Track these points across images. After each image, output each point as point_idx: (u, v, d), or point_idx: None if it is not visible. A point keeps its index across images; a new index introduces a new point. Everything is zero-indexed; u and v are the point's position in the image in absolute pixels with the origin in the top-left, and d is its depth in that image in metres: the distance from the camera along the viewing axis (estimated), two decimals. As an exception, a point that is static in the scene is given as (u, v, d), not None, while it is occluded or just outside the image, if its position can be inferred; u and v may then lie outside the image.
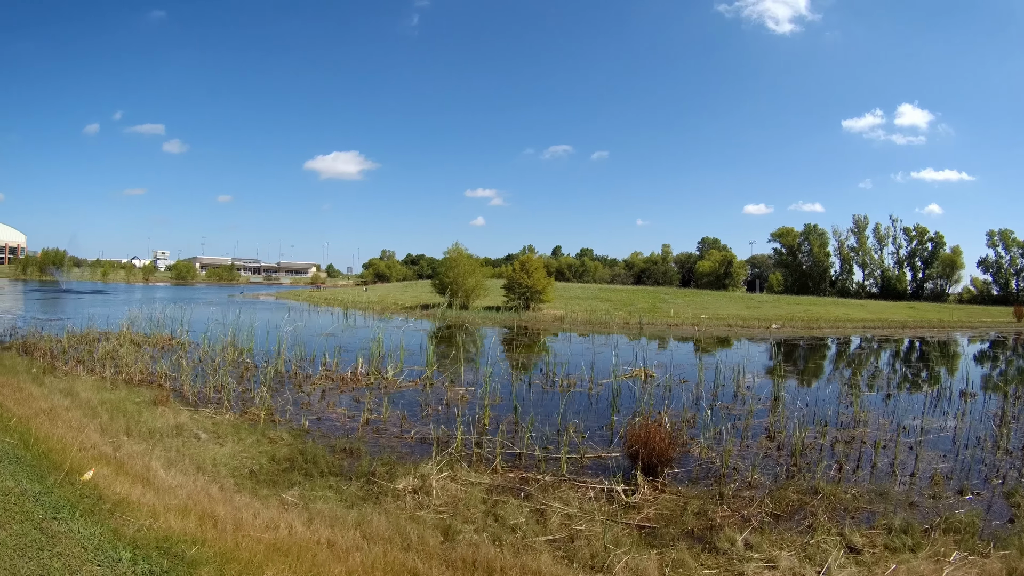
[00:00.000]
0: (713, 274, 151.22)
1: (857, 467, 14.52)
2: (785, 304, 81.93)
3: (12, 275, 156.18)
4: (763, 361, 37.01)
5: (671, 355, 36.73)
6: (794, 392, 23.67)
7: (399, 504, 10.64)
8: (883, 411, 20.88)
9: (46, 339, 28.92)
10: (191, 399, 18.98)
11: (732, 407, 20.93)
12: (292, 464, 12.69)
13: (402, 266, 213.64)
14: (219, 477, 11.15)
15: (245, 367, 25.33)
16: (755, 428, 18.01)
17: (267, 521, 8.27)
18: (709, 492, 12.26)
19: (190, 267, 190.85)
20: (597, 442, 15.75)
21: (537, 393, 22.42)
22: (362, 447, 14.33)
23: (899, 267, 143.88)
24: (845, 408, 21.04)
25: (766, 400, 22.00)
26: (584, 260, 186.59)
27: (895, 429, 17.91)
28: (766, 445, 16.28)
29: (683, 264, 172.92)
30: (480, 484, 12.04)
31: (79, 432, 12.22)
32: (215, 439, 14.07)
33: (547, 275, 72.22)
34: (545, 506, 10.97)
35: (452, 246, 74.12)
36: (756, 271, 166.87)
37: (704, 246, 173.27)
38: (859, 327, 67.41)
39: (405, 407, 19.18)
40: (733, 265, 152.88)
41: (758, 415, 19.61)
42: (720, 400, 22.03)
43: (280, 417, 17.18)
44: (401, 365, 26.01)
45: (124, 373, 22.26)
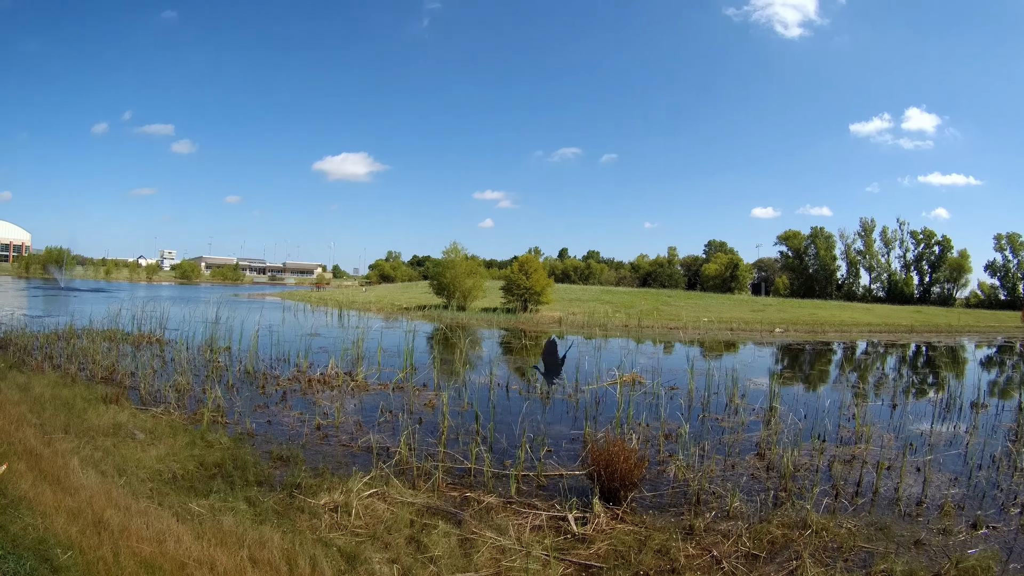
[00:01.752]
0: (719, 277, 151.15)
1: (856, 493, 13.11)
2: (790, 307, 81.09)
3: (15, 273, 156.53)
4: (763, 366, 36.45)
5: (666, 359, 36.34)
6: (793, 402, 22.52)
7: (314, 523, 10.08)
8: (888, 424, 19.86)
9: (23, 335, 29.16)
10: (145, 397, 18.93)
11: (723, 419, 19.95)
12: (220, 470, 12.44)
13: (408, 267, 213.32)
14: (136, 480, 10.96)
15: (214, 366, 25.23)
16: (745, 444, 16.92)
17: (157, 532, 8.03)
18: (678, 523, 11.01)
19: (194, 266, 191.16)
20: (563, 457, 14.88)
21: (514, 400, 21.85)
22: (301, 455, 13.88)
23: (906, 271, 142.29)
24: (846, 420, 19.97)
25: (761, 411, 21.11)
26: (590, 262, 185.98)
27: (901, 446, 16.64)
28: (754, 464, 15.04)
29: (689, 267, 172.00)
30: (412, 504, 11.27)
31: (16, 427, 12.25)
32: (150, 439, 13.89)
33: (550, 277, 72.08)
34: (477, 535, 10.02)
35: (450, 246, 74.37)
36: (762, 274, 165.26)
37: (710, 249, 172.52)
38: (865, 331, 66.71)
39: (364, 412, 18.93)
40: (739, 268, 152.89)
41: (750, 428, 18.69)
42: (711, 410, 21.08)
43: (228, 419, 17.03)
44: (379, 367, 26.09)
45: (88, 370, 22.43)
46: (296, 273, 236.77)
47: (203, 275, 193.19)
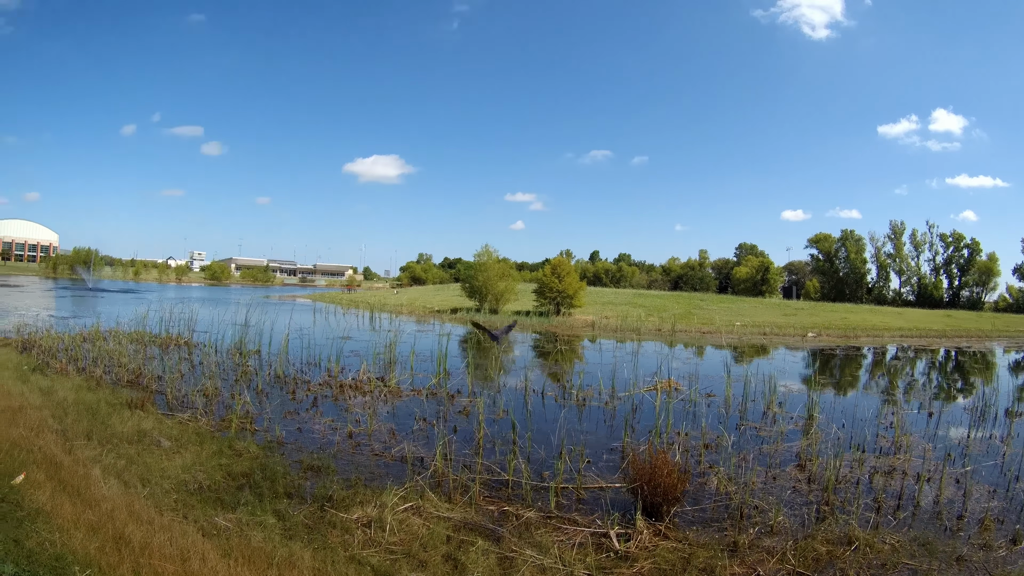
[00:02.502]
0: (750, 280, 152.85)
1: (898, 507, 12.76)
2: (822, 311, 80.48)
3: (42, 273, 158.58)
4: (799, 371, 36.05)
5: (701, 364, 35.90)
6: (830, 409, 22.16)
7: (346, 539, 9.68)
8: (925, 433, 19.47)
9: (48, 336, 29.15)
10: (172, 403, 18.66)
11: (761, 427, 19.53)
12: (247, 481, 12.11)
13: (439, 270, 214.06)
14: (160, 491, 10.70)
15: (243, 370, 25.09)
16: (785, 454, 16.44)
17: (181, 549, 7.77)
18: (721, 540, 10.64)
19: (224, 268, 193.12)
20: (602, 469, 14.50)
21: (550, 407, 21.45)
22: (333, 465, 13.61)
23: (935, 274, 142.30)
24: (884, 430, 19.57)
25: (799, 419, 20.60)
26: (621, 265, 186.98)
27: (939, 456, 16.42)
28: (795, 476, 14.57)
29: (720, 270, 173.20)
30: (449, 519, 10.86)
31: (36, 434, 12.07)
32: (176, 447, 13.63)
33: (582, 280, 72.00)
34: (516, 553, 9.65)
35: (482, 248, 74.58)
36: (793, 277, 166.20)
37: (741, 252, 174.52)
38: (896, 336, 66.23)
39: (397, 419, 18.62)
40: (770, 271, 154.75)
41: (789, 437, 18.22)
42: (748, 418, 20.73)
43: (257, 426, 16.77)
44: (412, 372, 25.92)
45: (114, 373, 22.31)
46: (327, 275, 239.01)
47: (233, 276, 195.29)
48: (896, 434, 18.45)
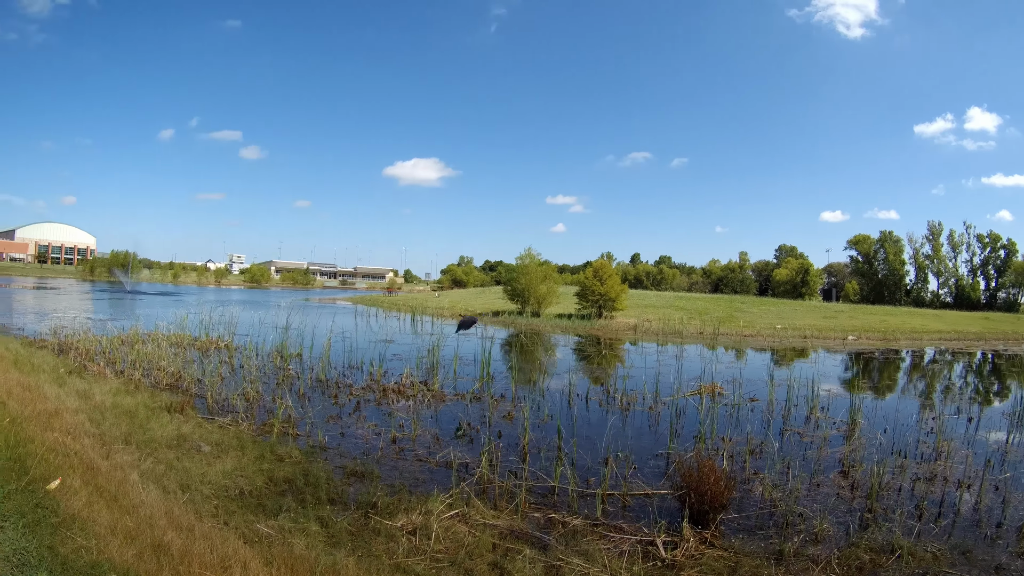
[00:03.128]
0: (790, 282, 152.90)
1: (939, 515, 12.69)
2: (861, 314, 79.88)
3: (79, 276, 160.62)
4: (838, 375, 35.81)
5: (743, 368, 35.79)
6: (871, 414, 22.18)
7: (390, 547, 9.55)
8: (964, 438, 19.44)
9: (85, 339, 29.35)
10: (212, 407, 18.69)
11: (804, 433, 19.52)
12: (290, 487, 12.02)
13: (480, 272, 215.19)
14: (200, 497, 10.60)
15: (285, 374, 25.12)
16: (828, 460, 16.40)
17: (222, 557, 7.61)
18: (767, 548, 10.65)
19: (264, 271, 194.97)
20: (647, 475, 14.42)
21: (594, 412, 21.42)
22: (377, 470, 13.54)
23: (972, 276, 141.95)
24: (925, 435, 19.49)
25: (841, 424, 20.61)
26: (662, 268, 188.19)
27: (979, 462, 16.47)
28: (839, 483, 14.49)
29: (760, 272, 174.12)
30: (495, 527, 10.78)
31: (73, 437, 12.00)
32: (217, 452, 13.57)
33: (623, 283, 71.92)
34: (563, 562, 9.53)
35: (524, 251, 74.57)
36: (832, 279, 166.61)
37: (781, 254, 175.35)
38: (935, 339, 65.90)
39: (441, 424, 18.58)
40: (810, 273, 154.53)
41: (832, 442, 18.19)
42: (792, 423, 20.61)
43: (299, 431, 16.73)
44: (455, 376, 26.01)
45: (153, 376, 22.40)
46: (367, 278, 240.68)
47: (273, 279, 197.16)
48: (937, 440, 18.35)
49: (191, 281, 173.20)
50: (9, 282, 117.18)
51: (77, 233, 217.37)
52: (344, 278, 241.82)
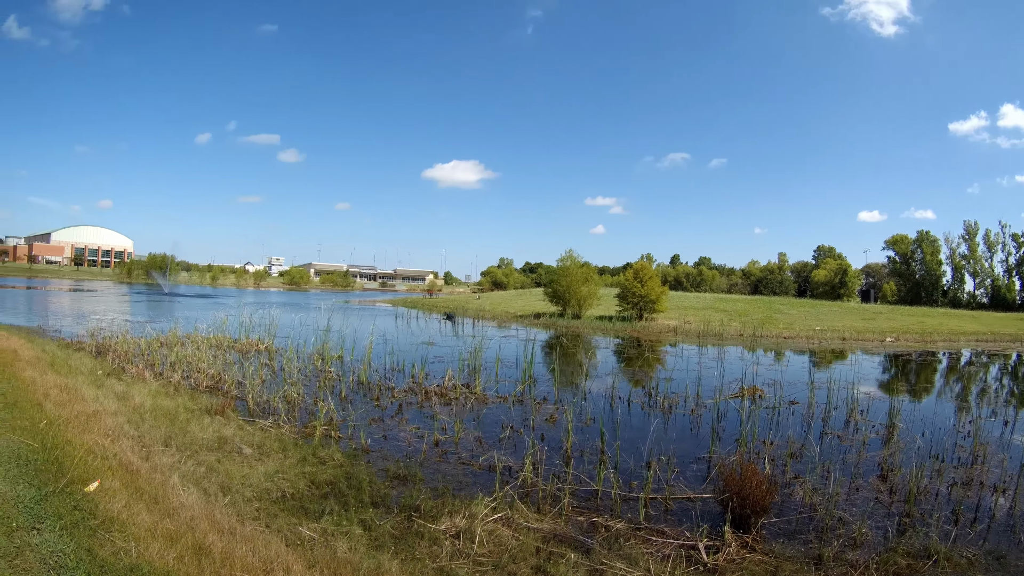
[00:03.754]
0: (828, 283, 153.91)
1: (974, 519, 12.72)
2: (899, 316, 79.52)
3: (116, 278, 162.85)
4: (876, 377, 35.64)
5: (783, 370, 35.62)
6: (909, 417, 22.05)
7: (434, 550, 9.54)
8: (1000, 442, 19.37)
9: (123, 341, 29.60)
10: (253, 409, 18.80)
11: (844, 436, 19.51)
12: (332, 489, 12.02)
13: (520, 274, 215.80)
14: (242, 499, 10.60)
15: (326, 376, 25.17)
16: (867, 463, 16.49)
17: (264, 560, 7.61)
18: (807, 552, 10.64)
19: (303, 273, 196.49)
20: (690, 478, 14.41)
21: (636, 414, 21.37)
22: (420, 473, 13.50)
23: (1008, 276, 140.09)
24: (963, 439, 19.49)
25: (880, 427, 20.64)
26: (701, 269, 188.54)
27: (1015, 466, 16.29)
28: (878, 487, 14.54)
29: (799, 273, 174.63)
30: (538, 530, 10.73)
31: (111, 439, 12.01)
32: (258, 455, 13.59)
33: (663, 284, 71.92)
34: (606, 566, 9.50)
35: (565, 253, 75.27)
36: (870, 280, 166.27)
37: (820, 254, 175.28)
38: (971, 340, 65.34)
39: (484, 427, 18.55)
40: (848, 274, 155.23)
41: (871, 446, 18.29)
42: (831, 426, 20.59)
43: (341, 433, 16.71)
44: (497, 379, 25.92)
45: (193, 378, 22.52)
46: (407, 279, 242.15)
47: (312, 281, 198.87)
48: (974, 443, 18.40)
49: (230, 283, 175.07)
50: (45, 284, 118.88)
51: (114, 236, 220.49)
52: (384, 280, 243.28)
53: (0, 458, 8.59)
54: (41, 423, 11.56)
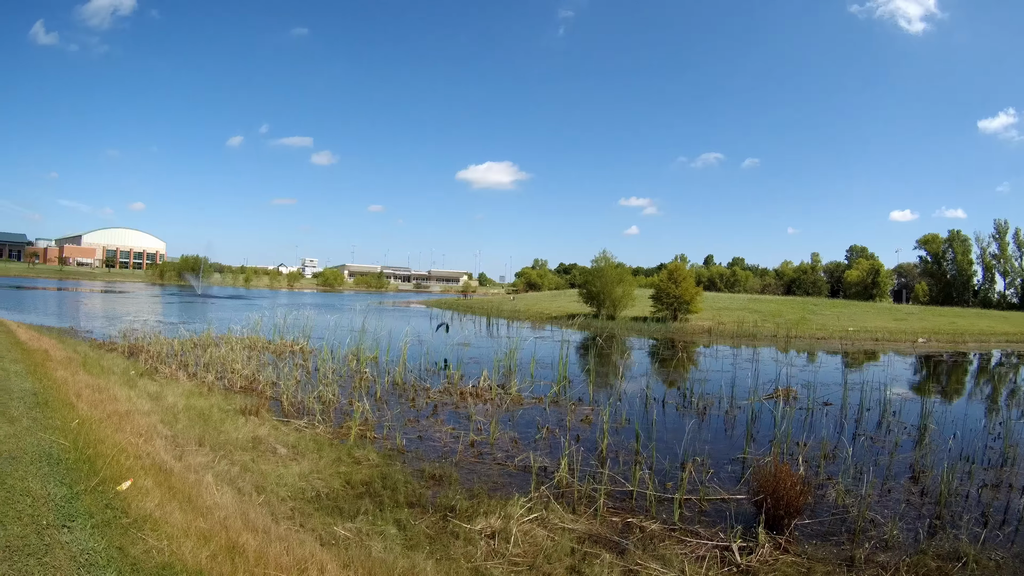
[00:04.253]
0: (861, 284, 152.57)
1: (1003, 521, 12.78)
2: (930, 316, 79.53)
3: (149, 280, 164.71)
4: (907, 378, 35.66)
5: (816, 371, 35.49)
6: (941, 418, 21.96)
7: (469, 550, 9.56)
8: None
9: (156, 341, 29.80)
10: (288, 410, 18.88)
11: (876, 437, 19.54)
12: (368, 489, 11.99)
13: (554, 275, 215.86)
14: (276, 499, 10.61)
15: (361, 377, 25.26)
16: (899, 465, 16.48)
17: (298, 559, 7.53)
18: (839, 554, 10.68)
19: (337, 274, 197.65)
20: (724, 480, 14.43)
21: (671, 416, 21.40)
22: (455, 474, 13.51)
23: None
24: (993, 440, 19.50)
25: (912, 429, 20.68)
26: (735, 270, 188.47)
27: None
28: (909, 489, 14.65)
29: (832, 273, 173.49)
30: (573, 531, 10.80)
31: (144, 439, 12.02)
32: (293, 455, 13.59)
33: (697, 285, 72.14)
34: (641, 567, 9.57)
35: (599, 254, 75.27)
36: (902, 280, 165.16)
37: (852, 254, 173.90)
38: (1001, 341, 65.35)
39: (519, 428, 18.54)
40: (880, 274, 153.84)
41: (903, 447, 18.35)
42: (864, 428, 20.73)
43: (376, 434, 16.74)
44: (532, 380, 25.91)
45: (227, 379, 22.64)
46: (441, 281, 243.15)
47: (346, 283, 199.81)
48: (1004, 445, 18.34)
49: (263, 285, 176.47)
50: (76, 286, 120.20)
51: (146, 238, 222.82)
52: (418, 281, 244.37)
53: (31, 457, 8.56)
54: (73, 422, 11.55)
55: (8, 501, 6.89)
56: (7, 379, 13.43)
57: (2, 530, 6.28)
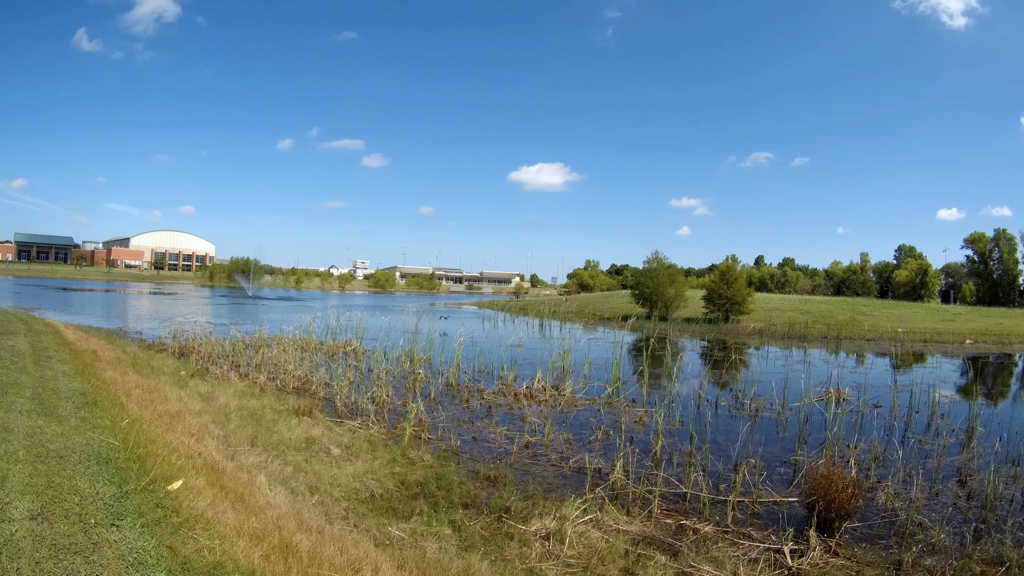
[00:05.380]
0: (909, 284, 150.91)
1: None
2: (978, 317, 78.31)
3: (198, 281, 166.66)
4: (954, 380, 35.16)
5: (866, 373, 35.34)
6: (988, 421, 21.82)
7: (523, 552, 9.56)
8: None
9: (207, 343, 30.05)
10: (341, 410, 18.92)
11: (925, 440, 19.40)
12: (422, 490, 11.97)
13: (606, 276, 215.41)
14: (330, 499, 10.59)
15: (415, 378, 25.25)
16: (947, 468, 16.42)
17: (352, 559, 7.49)
18: (887, 558, 10.69)
19: (389, 276, 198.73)
20: (776, 482, 14.44)
21: (724, 418, 21.34)
22: (510, 475, 13.46)
23: None
24: None
25: (960, 432, 20.52)
26: (786, 270, 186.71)
27: None
28: (956, 492, 14.60)
29: (880, 273, 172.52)
30: (627, 533, 10.74)
31: (196, 439, 12.03)
32: (347, 455, 13.58)
33: (748, 286, 72.00)
34: (694, 569, 9.58)
35: (652, 255, 75.32)
36: (950, 280, 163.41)
37: (901, 254, 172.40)
38: None
39: (574, 429, 18.46)
40: (928, 274, 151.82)
41: (951, 450, 18.23)
42: (913, 431, 20.63)
43: (431, 435, 16.75)
44: (586, 381, 25.86)
45: (279, 380, 22.75)
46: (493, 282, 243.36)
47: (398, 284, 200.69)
48: None
49: (314, 286, 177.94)
50: (125, 287, 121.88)
51: (195, 240, 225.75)
52: (470, 283, 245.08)
53: (79, 456, 8.53)
54: (123, 422, 11.56)
55: (56, 500, 6.83)
56: (55, 379, 13.48)
57: (49, 528, 6.22)
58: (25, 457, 7.85)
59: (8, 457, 7.67)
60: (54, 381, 13.34)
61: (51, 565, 5.62)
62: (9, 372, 13.07)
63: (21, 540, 5.82)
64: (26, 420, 9.48)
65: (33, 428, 9.13)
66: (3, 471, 7.20)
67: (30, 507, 6.48)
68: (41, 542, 5.91)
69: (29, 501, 6.60)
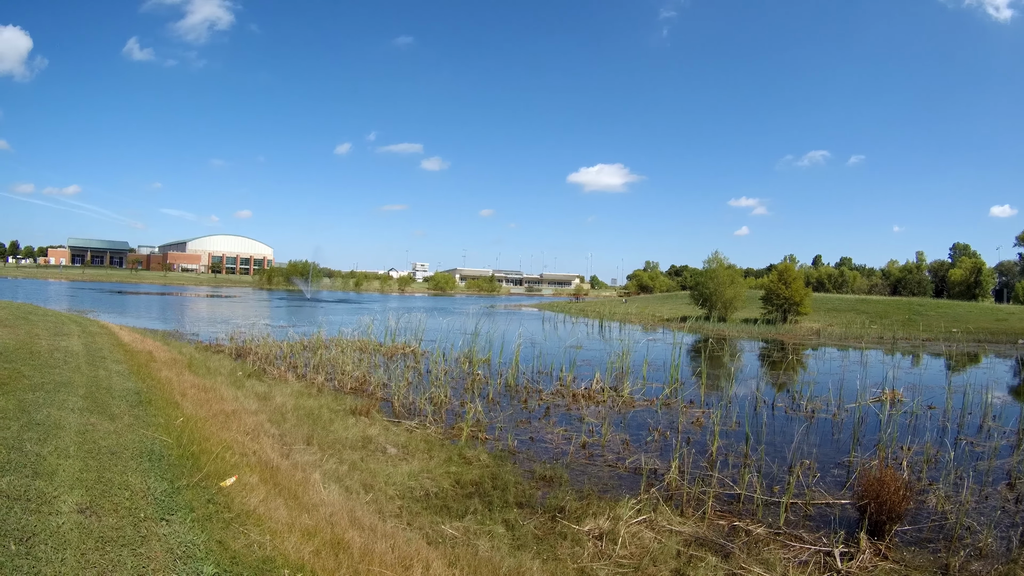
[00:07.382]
0: (964, 283, 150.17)
1: None
2: None
3: (256, 285, 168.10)
4: (1008, 381, 34.70)
5: (921, 374, 34.76)
6: None
7: (575, 551, 9.56)
8: None
9: (264, 344, 30.43)
10: (399, 410, 19.00)
11: (977, 442, 19.01)
12: (477, 489, 12.01)
13: (665, 277, 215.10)
14: (384, 497, 10.64)
15: (473, 379, 25.37)
16: (997, 471, 16.13)
17: (403, 557, 7.55)
18: (935, 562, 10.56)
19: (448, 278, 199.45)
20: (829, 483, 14.30)
21: (780, 419, 21.13)
22: (565, 475, 13.44)
23: None
24: None
25: (1011, 434, 20.21)
26: (843, 270, 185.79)
27: None
28: (1005, 496, 14.27)
29: (936, 272, 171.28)
30: (680, 533, 10.71)
31: (251, 437, 12.10)
32: (403, 454, 13.66)
33: (806, 286, 71.42)
34: (744, 570, 9.54)
35: (711, 255, 75.34)
36: (1003, 279, 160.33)
37: (955, 253, 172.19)
38: None
39: (631, 430, 18.43)
40: (982, 273, 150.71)
41: (1002, 452, 17.80)
42: (965, 432, 20.24)
43: (488, 435, 16.76)
44: (644, 382, 25.75)
45: (336, 380, 22.92)
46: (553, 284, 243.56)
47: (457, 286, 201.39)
48: None
49: (373, 289, 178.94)
50: (181, 291, 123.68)
51: (252, 244, 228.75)
52: (530, 284, 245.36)
53: (131, 452, 8.61)
54: (177, 420, 11.66)
55: (105, 494, 6.90)
56: (109, 379, 13.65)
57: (97, 521, 6.27)
58: (76, 453, 7.94)
59: (59, 453, 7.76)
60: (108, 380, 13.50)
61: (97, 556, 5.67)
62: (62, 372, 13.22)
63: (68, 532, 5.88)
64: (78, 417, 9.59)
65: (85, 425, 9.24)
66: (53, 466, 7.28)
67: (79, 501, 6.55)
68: (88, 535, 5.97)
69: (78, 495, 6.67)
